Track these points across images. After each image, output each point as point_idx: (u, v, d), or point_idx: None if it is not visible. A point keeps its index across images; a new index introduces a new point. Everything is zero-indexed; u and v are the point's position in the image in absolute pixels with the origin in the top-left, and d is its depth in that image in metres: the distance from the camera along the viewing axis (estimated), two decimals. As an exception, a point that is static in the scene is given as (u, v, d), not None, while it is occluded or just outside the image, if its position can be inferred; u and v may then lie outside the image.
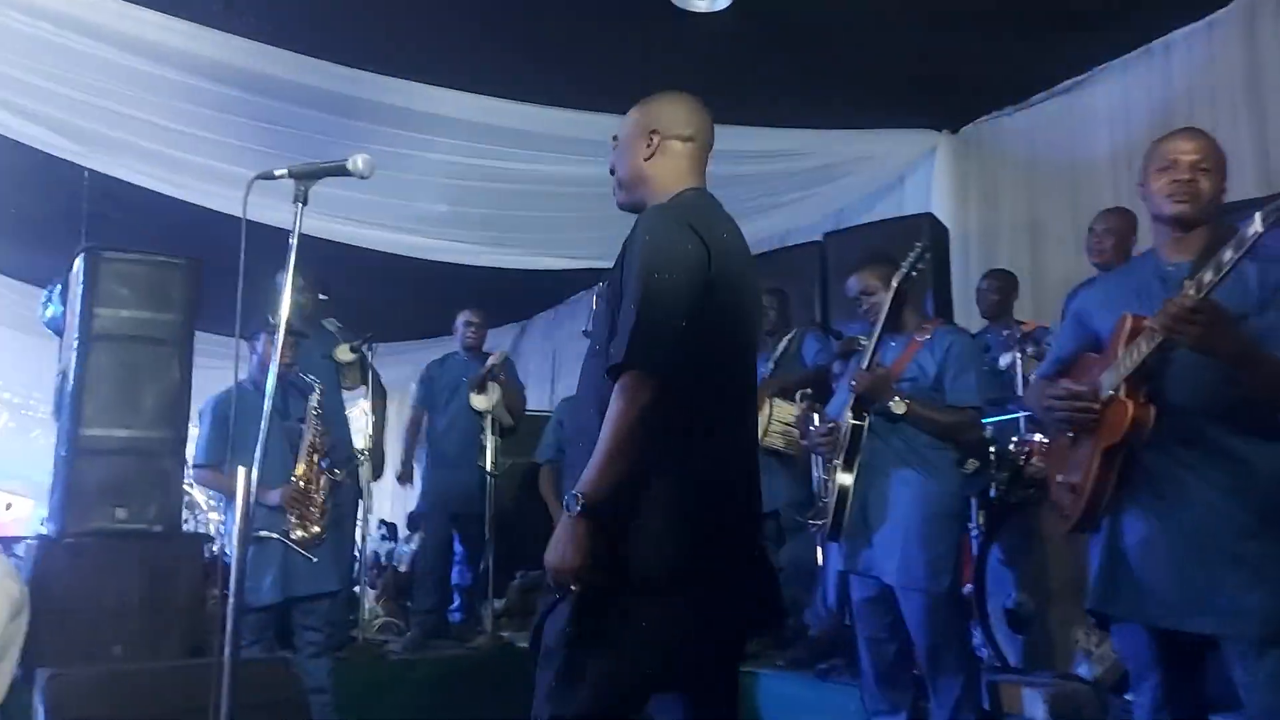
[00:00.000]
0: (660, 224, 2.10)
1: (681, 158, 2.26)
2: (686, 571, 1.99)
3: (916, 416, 3.34)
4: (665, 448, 1.99)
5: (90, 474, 4.47)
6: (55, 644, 4.14)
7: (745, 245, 2.29)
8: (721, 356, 2.11)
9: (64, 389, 4.69)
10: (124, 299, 4.61)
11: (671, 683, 2.11)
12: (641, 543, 1.98)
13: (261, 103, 5.00)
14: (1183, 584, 2.20)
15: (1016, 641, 3.83)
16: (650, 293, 1.98)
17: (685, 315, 1.99)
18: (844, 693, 3.95)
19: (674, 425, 2.00)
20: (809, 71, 5.42)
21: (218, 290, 3.97)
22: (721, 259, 2.08)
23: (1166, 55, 5.23)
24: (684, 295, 2.00)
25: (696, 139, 2.29)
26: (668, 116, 2.27)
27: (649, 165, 2.25)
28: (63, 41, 4.47)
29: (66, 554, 4.36)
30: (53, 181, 6.05)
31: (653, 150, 2.25)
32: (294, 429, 4.31)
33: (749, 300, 2.25)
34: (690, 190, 2.23)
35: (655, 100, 2.32)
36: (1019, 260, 5.88)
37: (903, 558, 3.27)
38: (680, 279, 2.01)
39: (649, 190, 2.25)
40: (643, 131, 2.27)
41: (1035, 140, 5.93)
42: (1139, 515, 2.29)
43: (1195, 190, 2.33)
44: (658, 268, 2.01)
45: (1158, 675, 2.31)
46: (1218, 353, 2.14)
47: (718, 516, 2.05)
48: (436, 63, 5.12)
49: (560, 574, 1.98)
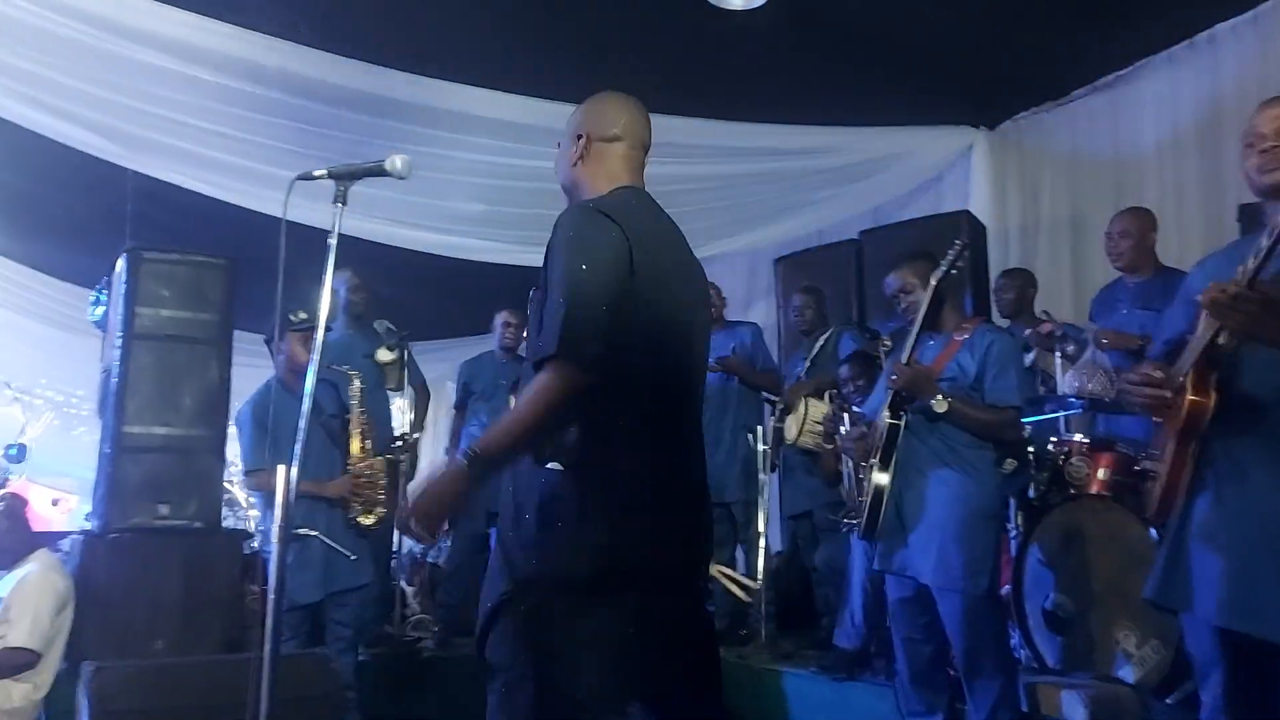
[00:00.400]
0: (578, 218, 2.09)
1: (611, 159, 2.24)
2: (619, 574, 1.97)
3: (958, 415, 3.30)
4: (595, 446, 1.98)
5: (132, 471, 4.54)
6: (98, 637, 4.22)
7: (680, 240, 2.25)
8: (651, 351, 2.07)
9: (107, 387, 4.76)
10: (164, 299, 4.68)
11: (626, 690, 2.08)
12: (574, 545, 1.96)
13: (300, 104, 5.04)
14: (1244, 584, 2.11)
15: (1055, 643, 3.79)
16: (575, 283, 1.97)
17: (610, 303, 1.97)
18: (877, 694, 3.93)
19: (603, 422, 1.99)
20: (845, 68, 5.38)
21: (258, 290, 4.02)
22: (645, 251, 2.05)
23: (1212, 48, 5.13)
24: (608, 284, 1.99)
25: (625, 138, 2.25)
26: (594, 119, 2.25)
27: (577, 170, 2.24)
28: (104, 45, 4.53)
29: (109, 549, 4.43)
30: (96, 183, 6.14)
31: (579, 154, 2.23)
32: (329, 424, 4.36)
33: (685, 295, 2.20)
34: (620, 189, 2.20)
35: (586, 104, 2.30)
36: (1059, 258, 5.81)
37: (940, 558, 3.24)
38: (602, 269, 1.99)
39: (580, 195, 2.23)
40: (572, 136, 2.25)
41: (1076, 136, 5.85)
42: (1207, 507, 2.22)
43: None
44: (580, 260, 1.99)
45: (1220, 674, 2.21)
46: (1268, 340, 2.08)
47: (653, 516, 2.02)
48: (472, 63, 5.14)
49: (419, 517, 1.98)
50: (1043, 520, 3.91)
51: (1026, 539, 3.94)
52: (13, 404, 9.55)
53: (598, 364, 1.95)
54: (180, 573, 4.47)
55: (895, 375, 3.35)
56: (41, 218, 7.36)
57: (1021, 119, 6.15)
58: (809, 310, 5.35)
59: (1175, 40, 5.25)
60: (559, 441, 1.99)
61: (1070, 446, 4.05)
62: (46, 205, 7.07)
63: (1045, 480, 4.08)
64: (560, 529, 1.97)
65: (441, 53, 5.05)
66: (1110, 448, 4.04)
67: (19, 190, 6.78)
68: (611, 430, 2.00)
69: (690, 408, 2.22)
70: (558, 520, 1.97)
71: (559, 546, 1.97)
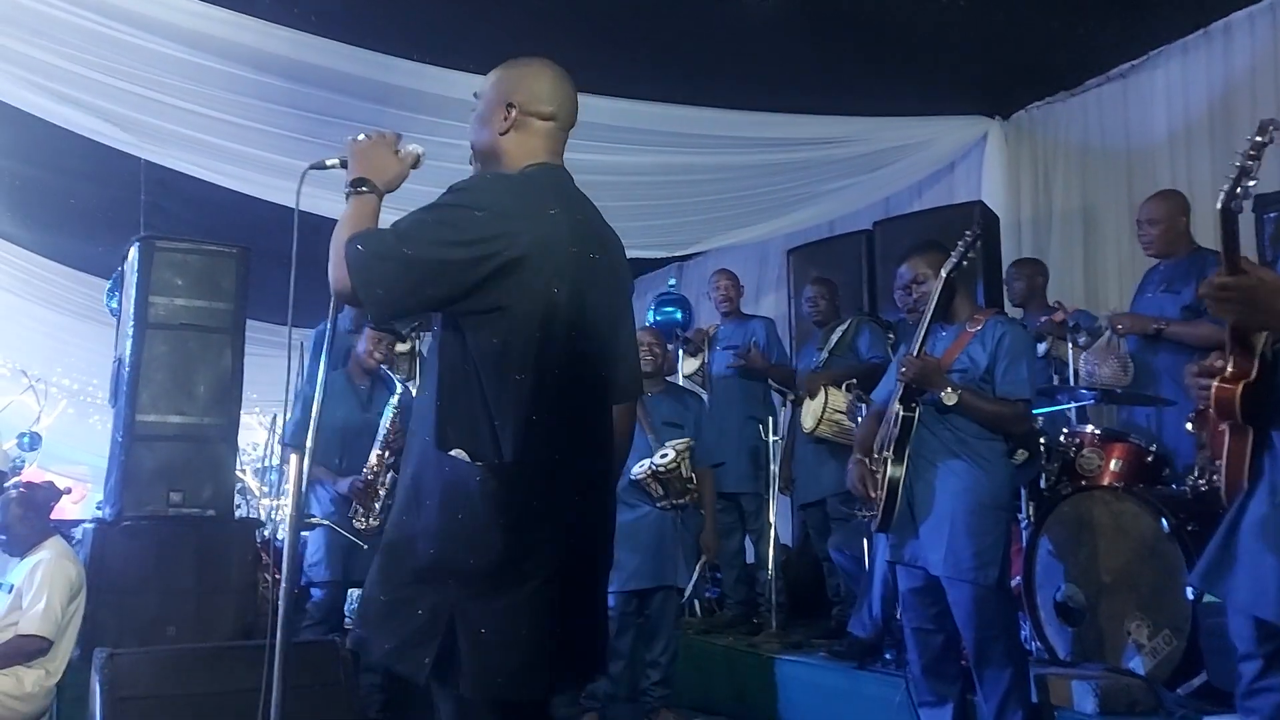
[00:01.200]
0: (485, 184, 2.06)
1: (538, 136, 2.13)
2: (521, 568, 1.93)
3: (967, 407, 3.29)
4: (504, 438, 1.93)
5: (146, 459, 4.57)
6: (111, 624, 4.26)
7: (601, 223, 2.19)
8: (569, 345, 2.01)
9: (120, 375, 4.79)
10: (178, 288, 4.70)
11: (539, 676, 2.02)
12: (477, 537, 1.92)
13: (313, 94, 5.05)
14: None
15: (1066, 634, 3.78)
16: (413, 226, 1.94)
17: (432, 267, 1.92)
18: (888, 683, 3.93)
19: (513, 414, 1.94)
20: (859, 58, 5.37)
21: (272, 280, 4.03)
22: (542, 235, 1.98)
23: (1227, 37, 5.09)
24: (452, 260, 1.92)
25: (558, 118, 2.15)
26: (529, 90, 2.13)
27: (504, 140, 2.12)
28: (118, 35, 4.54)
29: (123, 537, 4.46)
30: (110, 172, 6.17)
31: (509, 125, 2.11)
32: (375, 422, 4.41)
33: (599, 282, 2.11)
34: (535, 165, 2.11)
35: (517, 69, 2.18)
36: (1072, 248, 5.79)
37: (950, 549, 3.24)
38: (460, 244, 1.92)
39: (498, 164, 2.13)
40: (500, 102, 2.12)
41: (1089, 126, 5.82)
42: (1261, 497, 2.19)
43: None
44: (447, 231, 1.94)
45: (1256, 666, 2.20)
46: (1263, 326, 2.07)
47: (559, 514, 1.98)
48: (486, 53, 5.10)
49: None
50: (1054, 511, 3.90)
51: (1037, 530, 3.93)
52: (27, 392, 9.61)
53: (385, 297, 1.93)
54: (193, 560, 4.50)
55: (905, 367, 3.34)
56: (55, 207, 7.41)
57: (1035, 109, 6.13)
58: (822, 301, 5.35)
59: (1190, 29, 5.21)
60: (466, 431, 1.96)
61: (1082, 438, 4.04)
62: (60, 194, 7.11)
63: (1057, 471, 4.07)
64: (463, 520, 1.93)
65: (455, 42, 5.04)
66: (1122, 439, 4.03)
67: (33, 179, 6.82)
68: (521, 423, 1.95)
69: (605, 404, 2.16)
70: (459, 511, 1.93)
71: (461, 537, 1.93)
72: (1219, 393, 2.16)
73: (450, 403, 1.99)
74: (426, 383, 2.09)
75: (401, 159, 2.15)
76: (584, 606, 2.08)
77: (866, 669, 4.16)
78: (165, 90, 5.00)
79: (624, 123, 5.42)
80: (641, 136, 5.58)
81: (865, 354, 5.02)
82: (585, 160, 5.74)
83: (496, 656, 1.91)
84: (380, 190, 2.10)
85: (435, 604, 1.93)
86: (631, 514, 4.52)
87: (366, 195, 2.07)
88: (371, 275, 1.93)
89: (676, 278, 8.63)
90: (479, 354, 1.96)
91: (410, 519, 2.01)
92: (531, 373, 1.96)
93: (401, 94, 5.10)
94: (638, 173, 5.97)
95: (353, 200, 2.07)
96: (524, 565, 1.93)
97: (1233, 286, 2.00)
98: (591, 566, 2.12)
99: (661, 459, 4.44)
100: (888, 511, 3.34)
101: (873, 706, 3.98)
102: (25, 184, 6.94)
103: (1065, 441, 4.06)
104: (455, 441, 1.96)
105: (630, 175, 5.95)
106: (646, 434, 4.60)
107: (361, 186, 2.08)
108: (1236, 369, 2.17)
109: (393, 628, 1.98)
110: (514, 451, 1.93)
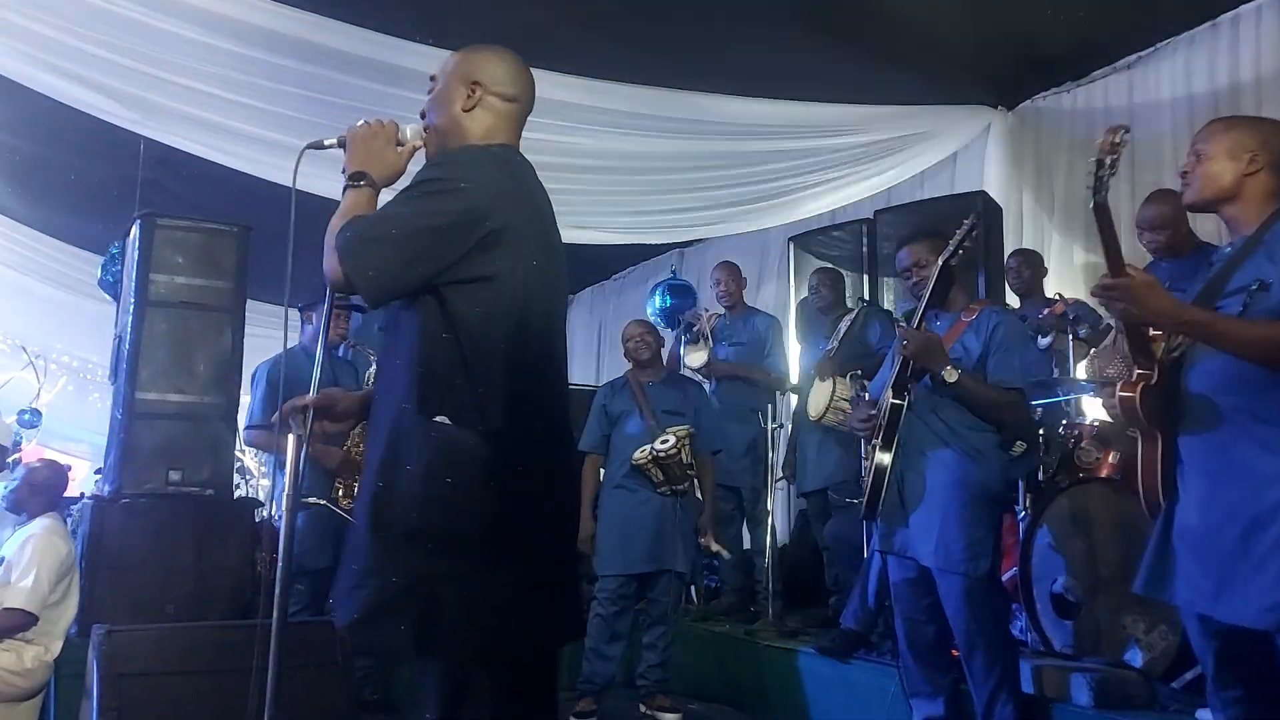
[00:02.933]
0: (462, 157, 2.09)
1: (501, 116, 2.19)
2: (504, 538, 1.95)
3: (966, 389, 3.27)
4: (490, 408, 1.97)
5: (145, 437, 4.57)
6: (110, 601, 4.27)
7: (549, 207, 2.22)
8: (536, 318, 2.06)
9: (120, 353, 4.78)
10: (178, 265, 4.69)
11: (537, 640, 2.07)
12: (462, 503, 1.94)
13: (314, 73, 5.02)
14: (1211, 572, 2.18)
15: (1063, 627, 3.79)
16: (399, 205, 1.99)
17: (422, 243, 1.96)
18: (882, 673, 3.94)
19: (499, 385, 1.98)
20: (863, 46, 5.33)
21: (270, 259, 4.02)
22: (517, 212, 2.04)
23: (1234, 30, 5.06)
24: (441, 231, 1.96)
25: (519, 100, 2.23)
26: (492, 72, 2.20)
27: (467, 117, 2.17)
28: (119, 11, 4.52)
29: (121, 514, 4.46)
30: (110, 149, 6.15)
31: (474, 103, 2.17)
32: None
33: (554, 263, 2.17)
34: (498, 145, 2.17)
35: (480, 52, 2.24)
36: (1073, 241, 5.77)
37: (940, 540, 3.24)
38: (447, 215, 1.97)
39: (462, 141, 2.17)
40: (464, 81, 2.18)
41: (1093, 118, 5.78)
42: (1181, 501, 2.29)
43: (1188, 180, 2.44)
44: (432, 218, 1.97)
45: (1209, 660, 2.30)
46: (1156, 325, 2.23)
47: (540, 485, 2.02)
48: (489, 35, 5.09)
49: None
50: (1052, 504, 3.90)
51: (1035, 522, 3.93)
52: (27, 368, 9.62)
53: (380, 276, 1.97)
54: (191, 539, 4.50)
55: (906, 340, 3.31)
56: (55, 183, 7.40)
57: (1040, 100, 6.09)
58: (826, 290, 5.33)
59: (1198, 21, 5.18)
60: (449, 397, 1.97)
61: (1081, 430, 4.04)
62: (60, 170, 7.09)
63: (1055, 464, 4.07)
64: (452, 484, 1.94)
65: (458, 23, 5.01)
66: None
67: (32, 154, 6.80)
68: (507, 390, 1.99)
69: (566, 377, 2.24)
70: (447, 475, 1.94)
71: (449, 502, 1.94)
72: (1121, 398, 2.27)
73: (430, 370, 2.00)
74: (397, 350, 2.09)
75: (400, 153, 2.18)
76: (564, 569, 2.15)
77: (857, 659, 4.16)
78: (166, 67, 4.97)
79: (626, 107, 5.41)
80: (643, 122, 5.55)
81: (876, 344, 4.99)
82: (587, 145, 5.78)
83: (487, 618, 1.93)
84: (377, 185, 2.13)
85: (414, 571, 1.93)
86: (633, 499, 4.54)
87: (363, 189, 2.10)
88: (361, 260, 1.96)
89: (677, 264, 8.62)
90: (462, 322, 1.99)
91: (387, 486, 2.00)
92: (513, 341, 2.00)
93: (405, 75, 5.07)
94: (639, 158, 5.94)
95: (349, 193, 2.10)
96: (511, 529, 1.96)
97: (1118, 285, 2.16)
98: (571, 529, 2.22)
99: (662, 444, 4.46)
100: (873, 499, 3.33)
101: (866, 696, 4.00)
102: (25, 159, 6.92)
103: (1064, 434, 4.06)
104: (439, 408, 1.97)
105: (632, 161, 5.93)
106: (648, 420, 4.61)
107: (359, 180, 2.10)
108: (1138, 374, 2.28)
109: (363, 597, 1.97)
110: (502, 417, 1.97)
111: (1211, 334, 2.18)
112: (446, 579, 1.92)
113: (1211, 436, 2.21)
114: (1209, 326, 2.18)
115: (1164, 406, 2.27)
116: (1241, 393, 2.17)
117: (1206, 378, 2.22)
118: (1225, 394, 2.19)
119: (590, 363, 9.73)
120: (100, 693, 3.08)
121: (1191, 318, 2.18)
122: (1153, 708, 3.27)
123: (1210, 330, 2.18)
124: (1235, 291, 2.23)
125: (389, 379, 2.11)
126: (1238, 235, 2.36)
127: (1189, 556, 2.23)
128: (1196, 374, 2.24)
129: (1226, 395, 2.19)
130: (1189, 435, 2.26)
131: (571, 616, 2.19)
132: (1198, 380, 2.24)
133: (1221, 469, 2.19)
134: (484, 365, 1.98)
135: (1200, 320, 2.19)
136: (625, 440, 4.65)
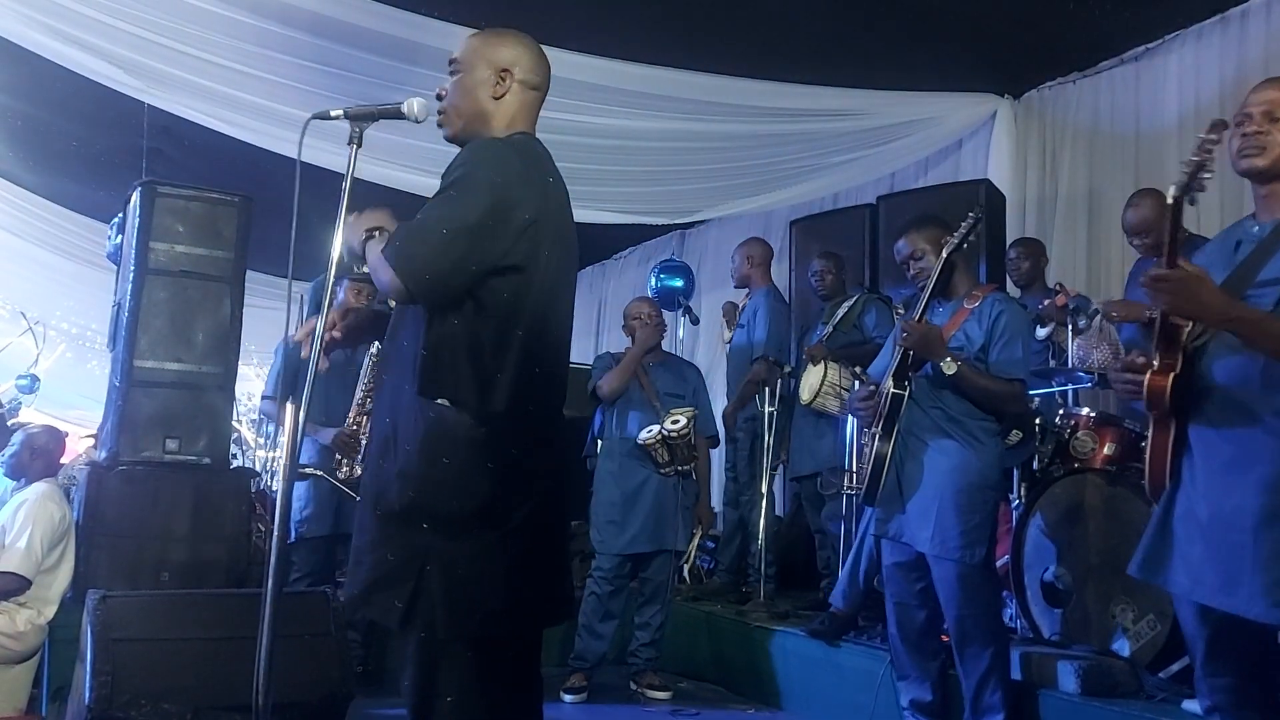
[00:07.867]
0: (490, 153, 2.11)
1: (524, 104, 2.24)
2: (495, 517, 2.00)
3: (965, 380, 3.28)
4: (489, 391, 2.01)
5: (143, 405, 4.57)
6: (105, 567, 4.29)
7: (566, 195, 2.26)
8: (546, 304, 2.11)
9: (119, 320, 4.78)
10: (179, 234, 4.67)
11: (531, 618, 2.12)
12: (457, 483, 1.98)
13: (322, 45, 5.00)
14: (1216, 562, 2.18)
15: (1053, 615, 3.81)
16: (440, 208, 2.02)
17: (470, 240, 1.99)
18: (871, 656, 3.97)
19: (499, 369, 2.02)
20: (871, 30, 5.31)
21: (272, 231, 4.02)
22: (544, 203, 2.10)
23: (1243, 23, 5.04)
24: (485, 226, 2.00)
25: (541, 89, 2.28)
26: (525, 62, 2.23)
27: (495, 103, 2.20)
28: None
29: (118, 481, 4.47)
30: (113, 117, 6.13)
31: (504, 90, 2.20)
32: (355, 373, 4.40)
33: (571, 250, 2.24)
34: (521, 134, 2.21)
35: (508, 38, 2.25)
36: (1076, 231, 5.76)
37: (937, 527, 3.25)
38: (488, 211, 2.01)
39: (487, 127, 2.21)
40: (493, 67, 2.20)
41: (1099, 108, 5.78)
42: (1187, 488, 2.28)
43: (1263, 142, 2.27)
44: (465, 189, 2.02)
45: (1200, 647, 2.31)
46: (1201, 319, 2.18)
47: (535, 467, 2.07)
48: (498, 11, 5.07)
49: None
50: (1046, 492, 3.92)
51: (1029, 510, 3.95)
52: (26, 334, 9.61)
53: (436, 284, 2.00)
54: (188, 507, 4.51)
55: (906, 333, 3.32)
56: (58, 149, 7.37)
57: (1046, 89, 6.08)
58: (828, 275, 5.31)
59: (1206, 14, 5.16)
60: (453, 380, 2.02)
61: (1076, 420, 4.05)
62: (63, 137, 7.06)
63: (1050, 453, 4.08)
64: (448, 464, 1.99)
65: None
66: (1116, 423, 4.04)
67: (36, 120, 6.78)
68: (519, 375, 2.04)
69: (568, 364, 2.28)
70: (444, 456, 1.99)
71: (444, 482, 1.99)
72: (1152, 384, 2.24)
73: (438, 352, 2.03)
74: (407, 333, 2.12)
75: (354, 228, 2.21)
76: (554, 550, 2.19)
77: (846, 642, 4.19)
78: (172, 35, 4.95)
79: (631, 86, 5.38)
80: (648, 101, 5.53)
81: (871, 331, 5.00)
82: (590, 123, 5.76)
83: (472, 597, 1.98)
84: None
85: (408, 547, 1.99)
86: (634, 479, 4.56)
87: (382, 236, 2.14)
88: (414, 264, 2.00)
89: (678, 245, 8.60)
90: (485, 309, 2.03)
91: (386, 464, 2.06)
92: (533, 328, 2.05)
93: (412, 49, 5.05)
94: (642, 138, 5.92)
95: (372, 244, 2.14)
96: (503, 510, 2.01)
97: (1169, 278, 2.12)
98: (561, 511, 2.24)
99: (674, 425, 4.49)
100: (872, 486, 3.35)
101: (854, 678, 4.02)
102: (27, 124, 6.89)
103: (1060, 423, 4.07)
104: (441, 390, 2.02)
105: (635, 140, 5.91)
106: (652, 402, 4.63)
107: (375, 232, 2.16)
108: (1164, 362, 2.24)
109: (362, 573, 2.05)
110: (506, 402, 2.01)
111: (1257, 333, 2.13)
112: (438, 557, 1.98)
113: (1229, 428, 2.20)
114: (1256, 325, 2.13)
115: (1181, 395, 2.25)
116: (1264, 386, 2.16)
117: (1229, 370, 2.20)
118: (1247, 387, 2.18)
119: (589, 340, 9.74)
120: (93, 657, 3.09)
121: (1240, 315, 2.13)
122: (1139, 696, 3.29)
123: (1256, 329, 2.13)
124: (1269, 283, 2.19)
125: (396, 360, 2.15)
126: (1268, 216, 2.29)
127: (1195, 545, 2.23)
128: (1220, 366, 2.22)
129: (1248, 388, 2.17)
130: (1204, 425, 2.24)
131: (561, 599, 2.23)
132: (1221, 372, 2.22)
133: (1237, 460, 2.18)
134: (502, 350, 2.03)
135: (1248, 319, 2.13)
136: (625, 419, 4.66)
